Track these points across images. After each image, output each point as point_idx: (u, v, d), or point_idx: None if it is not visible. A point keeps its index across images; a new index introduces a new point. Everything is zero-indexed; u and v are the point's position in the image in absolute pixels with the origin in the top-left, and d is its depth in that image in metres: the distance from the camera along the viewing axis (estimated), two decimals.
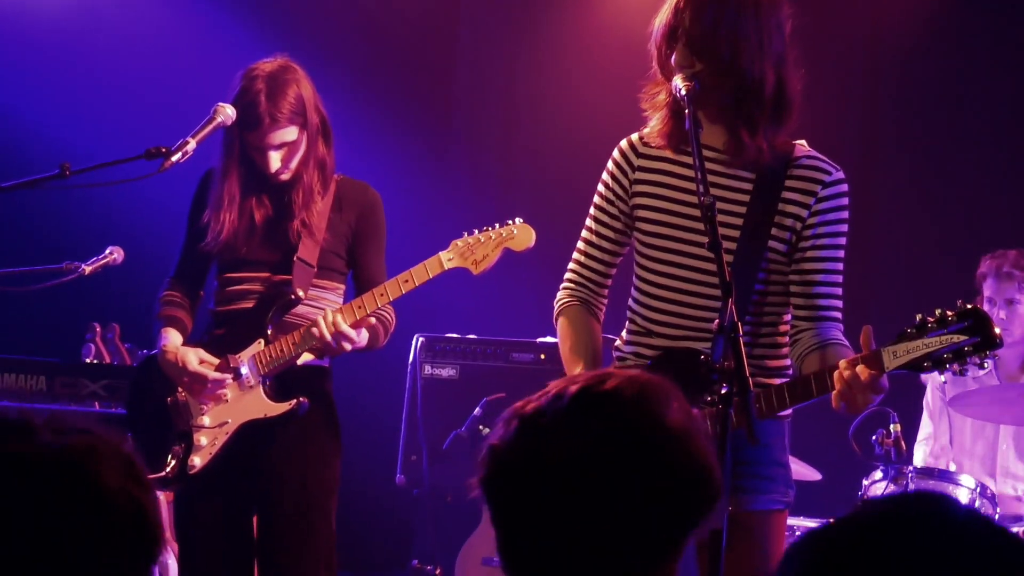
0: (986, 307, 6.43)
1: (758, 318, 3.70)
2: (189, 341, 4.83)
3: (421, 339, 7.03)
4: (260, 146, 4.65)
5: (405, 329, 6.93)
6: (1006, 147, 7.95)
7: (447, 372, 6.96)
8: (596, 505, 1.89)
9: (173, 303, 4.88)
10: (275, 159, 4.65)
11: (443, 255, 4.60)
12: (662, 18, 3.64)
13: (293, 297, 4.69)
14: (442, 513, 7.01)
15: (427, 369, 6.99)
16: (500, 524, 1.96)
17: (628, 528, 1.89)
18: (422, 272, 4.60)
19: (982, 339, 3.25)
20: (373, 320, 4.73)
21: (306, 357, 4.70)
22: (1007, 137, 7.94)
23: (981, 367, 3.33)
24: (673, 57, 3.60)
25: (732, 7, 3.54)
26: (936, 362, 3.28)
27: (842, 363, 3.37)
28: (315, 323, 4.57)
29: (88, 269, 5.78)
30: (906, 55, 8.10)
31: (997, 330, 3.26)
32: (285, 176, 4.70)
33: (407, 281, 4.59)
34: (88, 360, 6.69)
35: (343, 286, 4.84)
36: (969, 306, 3.29)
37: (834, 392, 3.39)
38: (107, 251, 5.90)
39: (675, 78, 3.55)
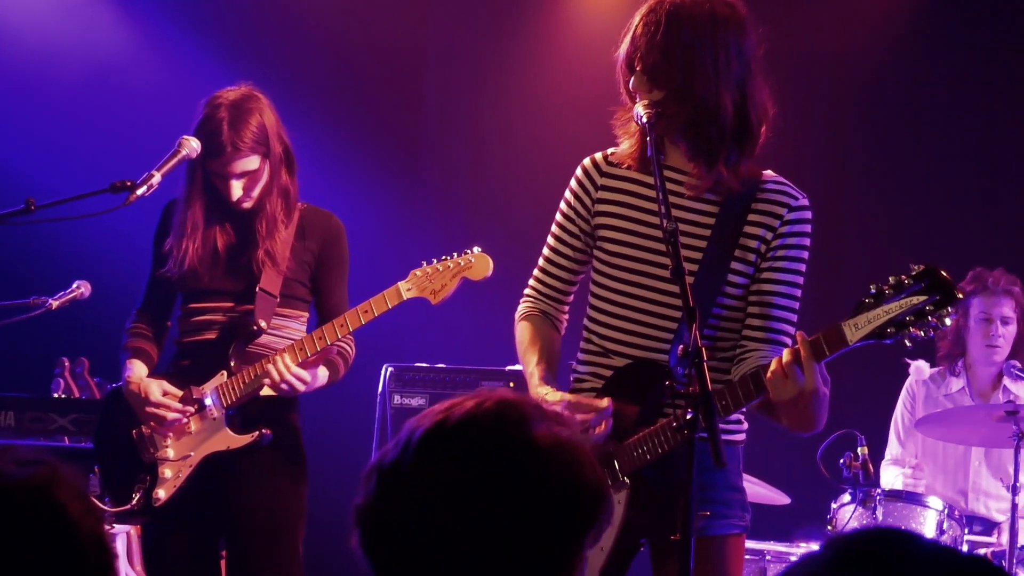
0: (973, 326, 6.46)
1: (713, 342, 3.68)
2: (156, 372, 4.82)
3: (390, 369, 7.03)
4: (222, 174, 4.64)
5: (374, 359, 6.94)
6: (972, 164, 8.00)
7: (416, 401, 6.95)
8: (473, 547, 1.84)
9: (139, 334, 4.87)
10: (237, 187, 4.65)
11: (402, 285, 4.60)
12: (623, 46, 3.66)
13: (255, 328, 4.68)
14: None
15: (396, 399, 6.97)
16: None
17: (512, 559, 1.84)
18: (381, 302, 4.60)
19: (942, 296, 3.23)
20: (335, 351, 4.74)
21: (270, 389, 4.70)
22: (973, 154, 7.99)
23: (942, 324, 3.27)
24: (631, 83, 3.62)
25: (686, 33, 3.55)
26: (899, 326, 3.26)
27: (798, 336, 3.35)
28: (267, 367, 4.57)
29: (55, 304, 5.76)
30: (871, 75, 8.15)
31: (953, 286, 3.24)
32: (247, 204, 4.69)
33: (367, 312, 4.59)
34: (57, 395, 6.66)
35: (307, 314, 4.84)
36: (923, 266, 3.27)
37: (768, 377, 3.36)
38: (74, 285, 5.88)
39: (637, 105, 3.58)
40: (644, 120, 3.52)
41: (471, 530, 1.83)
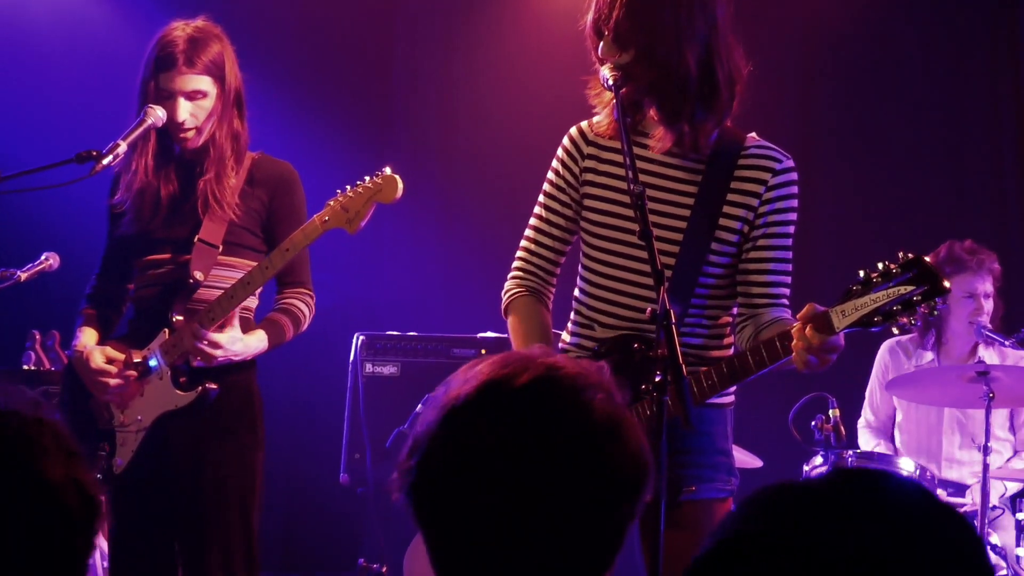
0: (954, 304, 6.46)
1: (703, 309, 3.71)
2: (115, 334, 4.74)
3: (361, 337, 7.02)
4: (171, 90, 4.53)
5: (345, 328, 6.93)
6: (942, 134, 8.01)
7: (388, 370, 6.94)
8: (527, 499, 1.84)
9: (93, 299, 4.81)
10: (184, 107, 4.53)
11: (318, 217, 4.45)
12: (590, 13, 3.67)
13: (191, 281, 4.56)
14: (388, 511, 6.99)
15: (368, 367, 6.96)
16: (431, 524, 1.92)
17: (563, 522, 1.85)
18: (300, 237, 4.47)
19: (930, 287, 3.24)
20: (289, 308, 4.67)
21: None
22: (943, 125, 8.01)
23: (931, 314, 3.31)
24: (600, 49, 3.62)
25: None
26: (886, 315, 3.28)
27: (794, 329, 3.38)
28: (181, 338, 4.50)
29: (24, 276, 5.75)
30: (842, 43, 8.16)
31: (945, 282, 3.25)
32: (196, 140, 4.59)
33: (287, 250, 4.47)
34: (28, 367, 6.64)
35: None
36: (911, 255, 3.28)
37: (794, 356, 3.38)
38: (42, 257, 5.87)
39: (602, 68, 3.58)
40: (610, 83, 3.52)
41: (518, 482, 1.84)
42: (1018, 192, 7.84)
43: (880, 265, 3.31)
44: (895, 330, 3.33)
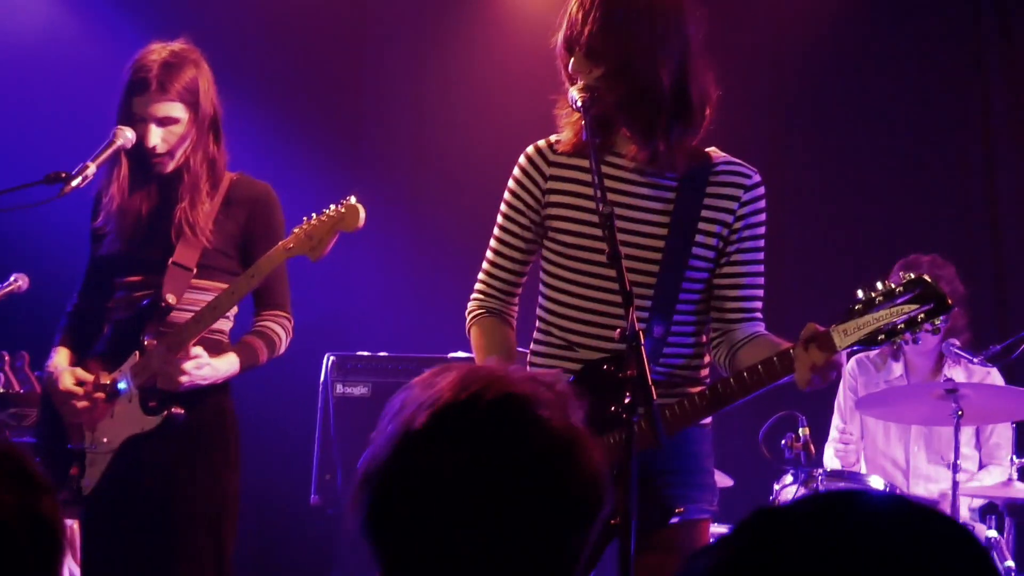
0: None
1: (684, 326, 3.72)
2: (91, 354, 4.72)
3: (332, 358, 7.01)
4: (143, 115, 4.52)
5: (316, 348, 6.91)
6: (910, 151, 8.05)
7: (359, 390, 6.94)
8: (485, 528, 1.81)
9: (72, 317, 4.79)
10: (155, 133, 4.53)
11: (283, 243, 4.43)
12: (561, 31, 3.67)
13: (163, 305, 4.54)
14: (358, 532, 6.98)
15: (339, 388, 6.95)
16: (387, 555, 1.88)
17: (520, 549, 1.82)
18: (265, 263, 4.45)
19: (936, 305, 3.29)
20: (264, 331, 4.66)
21: None
22: (914, 139, 8.04)
23: (936, 332, 3.37)
24: (571, 65, 3.62)
25: (621, 9, 3.56)
26: (889, 333, 3.31)
27: (795, 349, 3.40)
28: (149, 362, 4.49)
29: None
30: (811, 58, 8.19)
31: (949, 300, 3.30)
32: (163, 158, 4.57)
33: (253, 275, 4.46)
34: None
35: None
36: (912, 275, 3.33)
37: (796, 375, 3.40)
38: (11, 278, 5.84)
39: (571, 89, 3.59)
40: (579, 104, 3.52)
41: (477, 509, 1.81)
42: (984, 208, 7.87)
43: (879, 284, 3.35)
44: (894, 347, 3.38)
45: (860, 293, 3.36)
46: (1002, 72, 7.89)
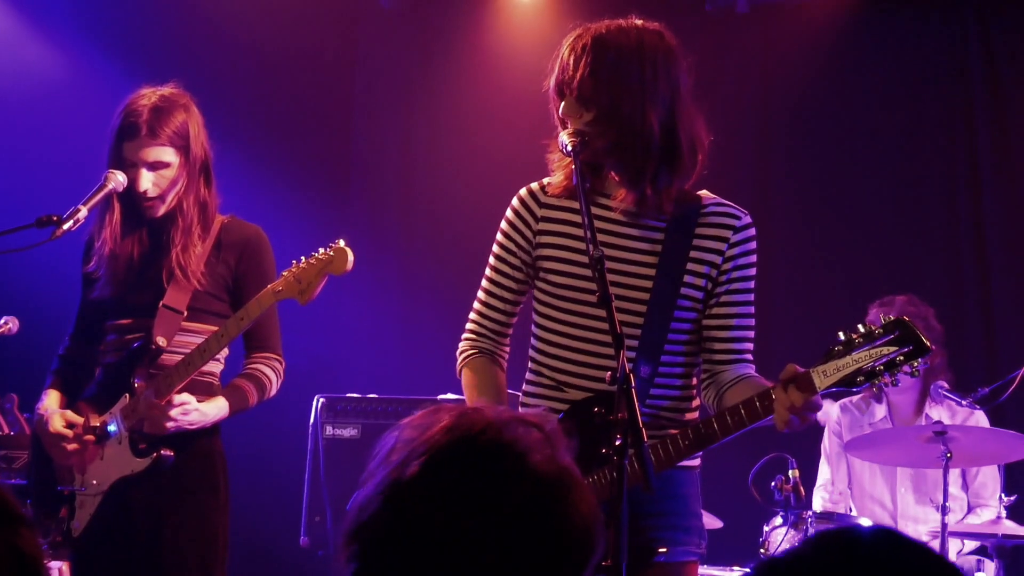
0: None
1: (672, 367, 3.72)
2: (81, 396, 4.72)
3: (322, 400, 7.01)
4: (134, 160, 4.54)
5: (305, 390, 6.92)
6: (897, 195, 8.08)
7: (348, 432, 6.94)
8: (476, 570, 1.81)
9: (64, 360, 4.80)
10: (146, 178, 4.54)
11: (272, 286, 4.43)
12: (553, 75, 3.70)
13: (153, 347, 4.55)
14: (347, 573, 6.96)
15: (328, 430, 6.95)
16: None
17: None
18: (254, 306, 4.46)
19: (915, 347, 3.29)
20: (251, 376, 4.66)
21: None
22: (901, 181, 8.08)
23: (915, 374, 3.35)
24: (562, 109, 3.65)
25: (612, 54, 3.60)
26: (869, 375, 3.32)
27: (774, 390, 3.40)
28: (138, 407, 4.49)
29: None
30: (797, 98, 8.23)
31: (928, 343, 3.30)
32: (160, 208, 4.59)
33: (242, 318, 4.46)
34: None
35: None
36: (893, 317, 3.34)
37: (775, 416, 3.40)
38: (2, 321, 5.84)
39: (561, 134, 3.61)
40: (568, 149, 3.55)
41: (472, 559, 1.80)
42: (973, 251, 7.90)
43: (861, 327, 3.35)
44: (874, 389, 3.38)
45: (841, 335, 3.37)
46: (989, 117, 7.93)
